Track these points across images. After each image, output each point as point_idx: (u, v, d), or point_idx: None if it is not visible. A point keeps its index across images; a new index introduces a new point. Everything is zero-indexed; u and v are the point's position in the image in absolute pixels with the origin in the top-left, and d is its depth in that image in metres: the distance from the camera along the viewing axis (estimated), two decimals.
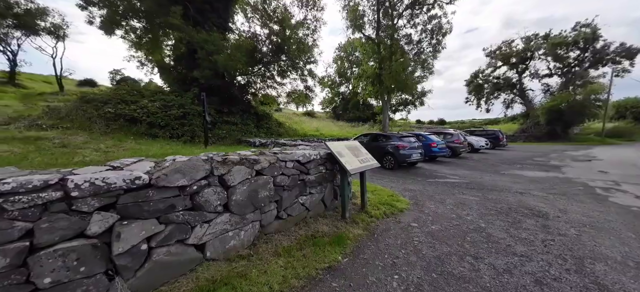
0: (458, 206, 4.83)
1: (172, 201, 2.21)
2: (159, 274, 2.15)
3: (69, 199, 1.80)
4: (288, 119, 19.34)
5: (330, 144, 3.85)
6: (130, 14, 10.79)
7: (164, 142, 7.90)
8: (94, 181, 1.86)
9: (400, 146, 8.95)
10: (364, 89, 23.44)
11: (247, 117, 12.00)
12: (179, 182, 2.23)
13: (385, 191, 5.59)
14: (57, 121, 7.32)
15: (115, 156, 5.02)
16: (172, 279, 2.23)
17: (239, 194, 2.68)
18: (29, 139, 5.40)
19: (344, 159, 3.67)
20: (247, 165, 2.81)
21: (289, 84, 13.89)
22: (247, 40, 10.98)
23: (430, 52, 19.65)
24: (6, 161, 3.89)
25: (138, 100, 8.96)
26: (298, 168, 3.41)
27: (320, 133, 15.89)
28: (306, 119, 24.66)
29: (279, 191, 3.18)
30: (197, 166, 2.40)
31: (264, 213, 3.04)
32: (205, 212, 2.44)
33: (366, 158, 4.17)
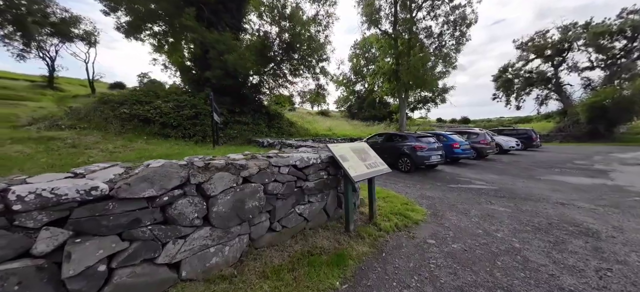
0: (485, 218, 4.16)
1: (137, 214, 1.91)
2: None
3: (10, 213, 1.55)
4: (301, 118, 19.05)
5: (333, 146, 3.41)
6: (150, 18, 11.14)
7: (175, 142, 7.92)
8: (40, 192, 1.59)
9: (418, 147, 8.25)
10: (380, 86, 22.49)
11: (259, 116, 11.87)
12: (145, 193, 1.92)
13: (399, 198, 5.03)
14: (76, 122, 7.65)
15: (121, 156, 5.01)
16: None
17: (221, 204, 2.34)
18: (43, 139, 5.61)
19: (348, 163, 3.22)
20: (232, 171, 2.47)
21: (301, 82, 13.63)
22: (258, 39, 10.85)
23: (453, 45, 18.32)
24: (12, 161, 3.97)
25: (152, 101, 9.16)
26: (294, 174, 3.01)
27: (332, 132, 15.42)
28: (319, 118, 24.23)
29: (272, 200, 2.81)
30: (170, 173, 2.09)
31: (253, 225, 2.69)
32: (179, 226, 2.13)
33: (375, 162, 3.68)
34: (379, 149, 9.68)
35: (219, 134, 9.42)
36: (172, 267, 2.14)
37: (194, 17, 9.80)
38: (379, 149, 9.72)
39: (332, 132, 15.35)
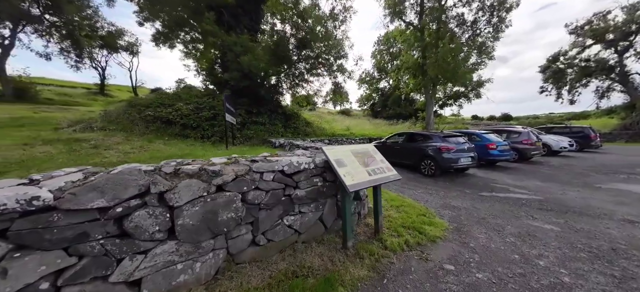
0: (524, 238, 3.37)
1: (85, 227, 1.72)
2: None
3: None
4: (319, 118, 18.69)
5: (329, 149, 2.98)
6: (176, 26, 11.82)
7: (192, 142, 8.14)
8: None
9: (444, 148, 7.35)
10: (405, 82, 21.10)
11: (275, 117, 11.82)
12: (94, 203, 1.71)
13: (416, 208, 4.39)
14: (107, 124, 8.33)
15: (133, 157, 5.21)
16: None
17: (187, 216, 2.07)
18: (71, 140, 6.12)
19: (344, 169, 2.76)
20: (204, 178, 2.19)
21: (317, 81, 13.26)
22: (271, 39, 10.78)
23: (490, 33, 16.36)
24: (33, 161, 4.30)
25: (174, 104, 9.64)
26: (281, 181, 2.65)
27: (350, 132, 14.78)
28: (339, 117, 23.57)
29: (253, 210, 2.48)
30: (127, 181, 1.87)
31: (231, 239, 2.39)
32: (137, 240, 1.90)
33: (381, 168, 3.15)
34: (399, 151, 8.96)
35: (237, 134, 9.55)
36: (131, 285, 1.92)
37: (213, 21, 10.09)
38: (398, 150, 9.00)
39: (350, 132, 14.73)
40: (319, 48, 11.50)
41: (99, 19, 20.34)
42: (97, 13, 19.70)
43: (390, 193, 5.35)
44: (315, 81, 12.99)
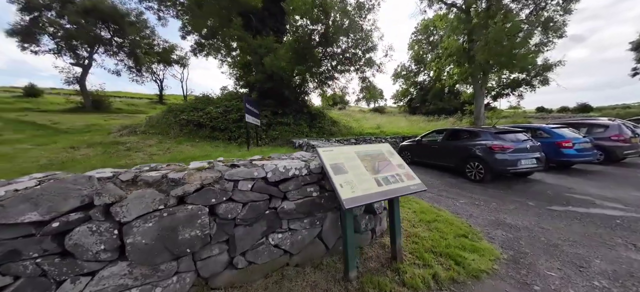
0: (624, 282, 2.24)
1: (17, 244, 1.48)
2: None
3: None
4: (348, 116, 17.79)
5: (326, 150, 2.38)
6: (211, 35, 12.65)
7: (218, 144, 8.35)
8: None
9: (496, 147, 5.98)
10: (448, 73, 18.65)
11: (300, 117, 11.55)
12: (25, 217, 1.47)
13: (455, 225, 3.46)
14: (148, 128, 9.19)
15: (156, 158, 5.47)
16: None
17: (139, 234, 1.73)
18: (112, 143, 6.82)
19: (343, 177, 2.13)
20: (163, 188, 1.84)
21: (343, 78, 12.49)
22: (293, 37, 10.52)
23: (559, 4, 13.27)
24: (70, 163, 4.75)
25: (205, 107, 10.19)
26: (264, 190, 2.16)
27: (380, 131, 13.60)
28: (371, 115, 22.10)
29: (227, 226, 2.05)
30: (67, 191, 1.60)
31: (201, 260, 2.00)
32: (80, 260, 1.62)
33: (398, 175, 2.42)
34: (437, 151, 7.68)
35: (262, 135, 9.58)
36: None
37: (240, 26, 10.37)
38: (436, 150, 7.73)
39: (381, 130, 13.54)
40: (344, 42, 10.83)
41: (155, 38, 23.22)
42: (153, 32, 22.54)
43: (421, 203, 4.44)
44: (341, 78, 12.31)
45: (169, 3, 13.76)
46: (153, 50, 23.00)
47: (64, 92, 25.40)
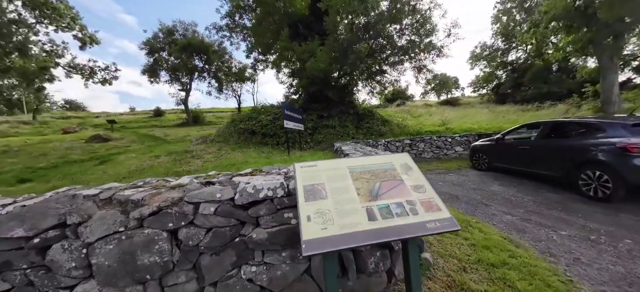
0: None
1: (9, 255, 1.68)
2: None
3: None
4: (406, 113, 15.59)
5: (304, 167, 1.86)
6: (266, 49, 13.80)
7: (265, 149, 8.82)
8: None
9: (634, 148, 3.81)
10: (554, 43, 13.65)
11: (346, 118, 10.87)
12: (14, 232, 1.65)
13: (543, 275, 2.27)
14: (216, 137, 10.68)
15: (207, 165, 6.16)
16: None
17: (102, 255, 1.71)
18: (185, 152, 8.20)
19: (316, 206, 1.57)
20: (126, 209, 1.79)
21: (395, 70, 10.89)
22: (334, 36, 9.91)
23: None
24: (144, 169, 5.88)
25: (258, 116, 11.04)
26: (230, 215, 1.85)
27: (446, 128, 11.14)
28: (437, 109, 18.59)
29: (190, 254, 1.84)
30: (46, 210, 1.73)
31: (167, 287, 1.86)
32: (57, 275, 1.72)
33: (404, 204, 1.65)
34: (530, 152, 5.58)
35: (307, 140, 9.56)
36: None
37: (287, 37, 10.74)
38: (528, 152, 5.63)
39: (446, 128, 11.12)
40: (392, 30, 9.47)
41: (232, 61, 27.43)
42: (231, 56, 26.74)
43: (487, 230, 3.22)
44: (392, 71, 10.83)
45: (237, 29, 15.81)
46: (231, 71, 27.19)
47: (177, 111, 33.32)
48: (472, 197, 5.08)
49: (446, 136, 10.09)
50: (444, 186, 6.08)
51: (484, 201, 4.76)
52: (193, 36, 23.59)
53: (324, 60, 9.32)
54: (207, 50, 23.15)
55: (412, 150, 10.14)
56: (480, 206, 4.52)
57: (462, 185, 6.09)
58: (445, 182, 6.40)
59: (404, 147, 9.96)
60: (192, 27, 24.54)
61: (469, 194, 5.28)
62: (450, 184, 6.20)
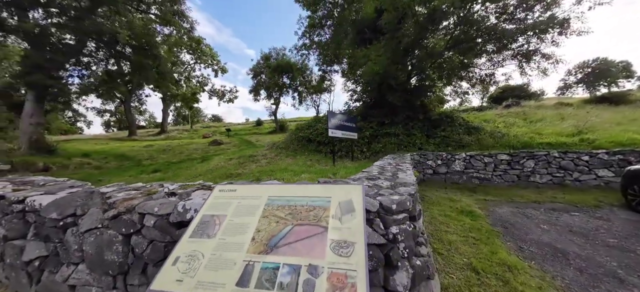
0: None
1: (49, 230, 2.32)
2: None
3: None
4: (521, 115, 11.05)
5: (222, 190, 1.58)
6: (333, 60, 14.08)
7: (314, 156, 8.80)
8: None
9: None
10: None
11: (413, 125, 9.03)
12: (51, 214, 2.27)
13: None
14: (281, 144, 11.67)
15: (260, 169, 6.69)
16: None
17: (87, 244, 2.08)
18: (248, 156, 9.37)
19: (194, 245, 1.27)
20: (105, 208, 2.11)
21: (488, 61, 7.90)
22: (390, 34, 8.39)
23: None
24: (217, 168, 7.04)
25: (315, 125, 11.24)
26: (166, 231, 1.84)
27: (581, 139, 7.06)
28: (580, 110, 12.05)
29: (140, 261, 1.95)
30: (69, 202, 2.29)
31: (130, 285, 2.04)
32: (69, 252, 2.23)
33: (310, 272, 1.07)
34: None
35: (363, 148, 8.76)
36: (71, 288, 2.29)
37: (351, 43, 10.39)
38: None
39: (581, 139, 7.07)
40: (483, 10, 7.00)
41: (312, 75, 29.83)
42: (311, 72, 29.22)
43: None
44: (480, 63, 8.01)
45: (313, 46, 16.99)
46: (310, 84, 29.71)
47: (271, 121, 39.56)
48: (598, 261, 3.06)
49: (581, 152, 6.77)
50: (550, 231, 4.03)
51: (619, 273, 2.78)
52: (282, 58, 27.59)
53: (381, 63, 8.34)
54: (291, 69, 26.51)
55: (513, 169, 7.38)
56: (606, 281, 2.66)
57: (589, 235, 3.85)
58: (554, 227, 4.23)
59: (496, 165, 7.39)
60: (282, 51, 28.79)
61: (594, 255, 3.24)
62: (563, 231, 4.05)
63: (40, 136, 12.36)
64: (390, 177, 3.19)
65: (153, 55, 13.34)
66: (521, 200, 5.92)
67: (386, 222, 1.76)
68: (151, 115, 59.15)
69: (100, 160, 11.67)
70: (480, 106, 20.47)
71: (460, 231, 4.01)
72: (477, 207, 5.39)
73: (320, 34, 15.07)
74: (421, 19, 7.91)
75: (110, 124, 52.64)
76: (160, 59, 14.03)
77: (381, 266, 1.62)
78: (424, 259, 1.96)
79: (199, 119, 59.41)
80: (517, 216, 4.85)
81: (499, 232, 4.02)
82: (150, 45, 12.96)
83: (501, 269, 2.87)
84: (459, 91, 10.57)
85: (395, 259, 1.67)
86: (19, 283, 2.40)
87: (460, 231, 4.01)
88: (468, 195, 6.43)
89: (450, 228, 4.13)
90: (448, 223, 4.35)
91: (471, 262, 3.02)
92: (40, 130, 12.72)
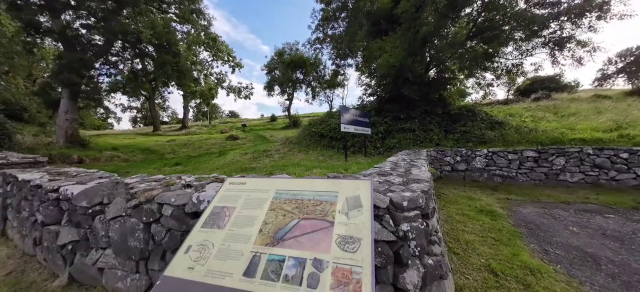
0: None
1: (80, 217, 2.51)
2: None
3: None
4: (550, 110, 10.13)
5: (233, 183, 1.62)
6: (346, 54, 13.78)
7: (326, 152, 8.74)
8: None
9: None
10: None
11: (431, 120, 8.62)
12: (82, 202, 2.46)
13: None
14: (294, 139, 11.72)
15: (273, 163, 6.78)
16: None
17: (112, 231, 2.24)
18: (263, 151, 9.50)
19: (205, 235, 1.31)
20: (128, 198, 2.24)
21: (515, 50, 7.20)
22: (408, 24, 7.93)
23: None
24: (231, 163, 7.22)
25: (327, 120, 11.13)
26: (182, 220, 1.93)
27: (619, 134, 6.31)
28: (619, 103, 10.71)
29: (159, 248, 2.06)
30: (97, 191, 2.46)
31: (152, 270, 2.18)
32: (97, 237, 2.41)
33: (315, 266, 1.07)
34: None
35: (376, 144, 8.55)
36: (100, 271, 2.48)
37: (366, 35, 10.08)
38: None
39: (620, 134, 6.34)
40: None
41: (325, 70, 29.53)
42: (325, 67, 28.91)
43: None
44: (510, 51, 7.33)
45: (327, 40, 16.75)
46: (324, 79, 29.43)
47: (285, 117, 39.87)
48: (634, 267, 2.83)
49: (619, 149, 6.20)
50: (580, 234, 3.74)
51: None
52: (295, 53, 27.56)
53: (396, 55, 8.02)
54: (305, 64, 26.42)
55: (540, 167, 6.91)
56: None
57: (624, 239, 3.54)
58: (585, 229, 3.92)
59: (521, 163, 6.93)
60: (295, 46, 28.71)
61: (629, 261, 2.99)
62: (595, 234, 3.75)
63: (75, 131, 13.38)
64: (403, 174, 3.10)
65: (173, 53, 13.88)
66: (548, 200, 5.54)
67: (396, 219, 1.72)
68: (173, 111, 61.94)
69: (128, 153, 12.47)
70: (506, 99, 19.27)
71: (478, 231, 3.83)
72: (499, 206, 5.12)
73: (334, 27, 14.87)
74: (441, 6, 7.48)
75: (136, 120, 55.88)
76: (179, 57, 14.58)
77: (390, 263, 1.59)
78: (437, 258, 1.89)
79: (217, 115, 61.34)
80: (544, 216, 4.54)
81: (521, 234, 3.79)
82: (170, 43, 13.49)
83: (523, 272, 2.71)
84: (482, 83, 9.96)
85: (406, 257, 1.63)
86: (55, 264, 2.63)
87: (478, 231, 3.83)
88: (489, 193, 6.12)
89: (467, 227, 3.97)
90: (466, 222, 4.18)
91: (489, 263, 2.88)
92: (75, 125, 13.77)
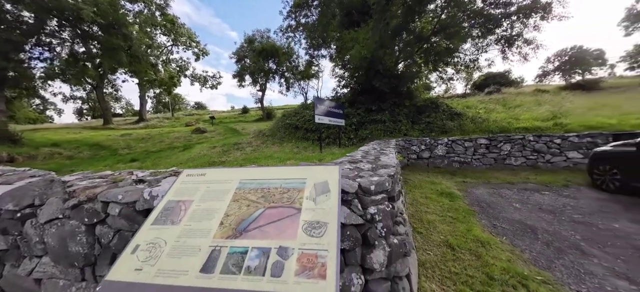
0: None
1: (6, 223, 2.13)
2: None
3: None
4: (499, 103, 11.50)
5: (189, 175, 1.49)
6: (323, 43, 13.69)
7: (301, 143, 8.73)
8: None
9: None
10: None
11: (398, 112, 9.17)
12: (7, 206, 2.08)
13: None
14: (268, 131, 11.47)
15: (244, 157, 6.58)
16: None
17: (49, 236, 1.94)
18: (233, 144, 9.16)
19: (152, 234, 1.20)
20: (66, 197, 1.95)
21: (472, 46, 8.06)
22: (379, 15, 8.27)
23: None
24: (200, 156, 6.82)
25: (302, 112, 11.06)
26: (133, 219, 1.74)
27: (555, 123, 7.55)
28: (556, 96, 12.65)
29: (107, 251, 1.84)
30: (26, 191, 2.10)
31: (99, 276, 1.94)
32: (30, 244, 2.07)
33: (280, 254, 1.03)
34: None
35: (350, 135, 8.79)
36: (36, 282, 2.15)
37: (338, 25, 10.09)
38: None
39: (555, 123, 7.55)
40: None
41: (299, 61, 29.03)
42: (298, 56, 28.37)
43: None
44: (465, 48, 8.19)
45: (299, 28, 16.40)
46: (297, 70, 28.93)
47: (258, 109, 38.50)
48: (563, 235, 3.29)
49: (553, 135, 7.15)
50: (522, 210, 4.26)
51: (582, 245, 3.00)
52: (266, 42, 26.46)
53: (369, 47, 8.21)
54: (277, 53, 25.52)
55: (490, 153, 7.72)
56: (570, 253, 2.87)
57: (556, 212, 4.11)
58: (526, 205, 4.48)
59: (476, 149, 7.70)
60: (266, 34, 27.54)
61: (560, 230, 3.47)
62: (533, 208, 4.30)
63: (2, 125, 11.35)
64: (373, 161, 3.19)
65: (123, 35, 12.32)
66: (497, 181, 6.23)
67: (364, 203, 1.76)
68: (128, 102, 55.89)
69: (72, 150, 10.95)
70: (464, 93, 21.04)
71: (439, 211, 4.17)
72: (456, 189, 5.61)
73: (306, 15, 14.55)
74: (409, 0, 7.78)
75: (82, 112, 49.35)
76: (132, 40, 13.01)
77: (358, 245, 1.63)
78: (402, 238, 1.99)
79: (181, 107, 56.76)
80: (493, 196, 5.10)
81: (474, 212, 4.21)
82: (119, 24, 11.93)
83: (475, 245, 3.02)
84: (445, 77, 10.75)
85: (373, 238, 1.68)
86: None
87: (439, 211, 4.17)
88: (449, 178, 6.67)
89: (429, 209, 4.28)
90: (428, 204, 4.51)
91: (448, 239, 3.15)
92: (2, 118, 11.67)
